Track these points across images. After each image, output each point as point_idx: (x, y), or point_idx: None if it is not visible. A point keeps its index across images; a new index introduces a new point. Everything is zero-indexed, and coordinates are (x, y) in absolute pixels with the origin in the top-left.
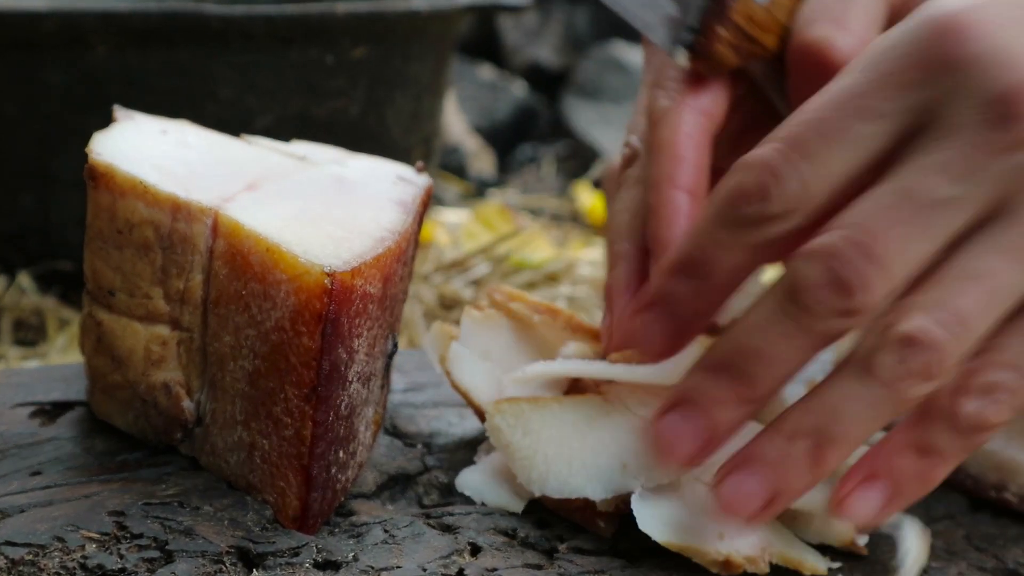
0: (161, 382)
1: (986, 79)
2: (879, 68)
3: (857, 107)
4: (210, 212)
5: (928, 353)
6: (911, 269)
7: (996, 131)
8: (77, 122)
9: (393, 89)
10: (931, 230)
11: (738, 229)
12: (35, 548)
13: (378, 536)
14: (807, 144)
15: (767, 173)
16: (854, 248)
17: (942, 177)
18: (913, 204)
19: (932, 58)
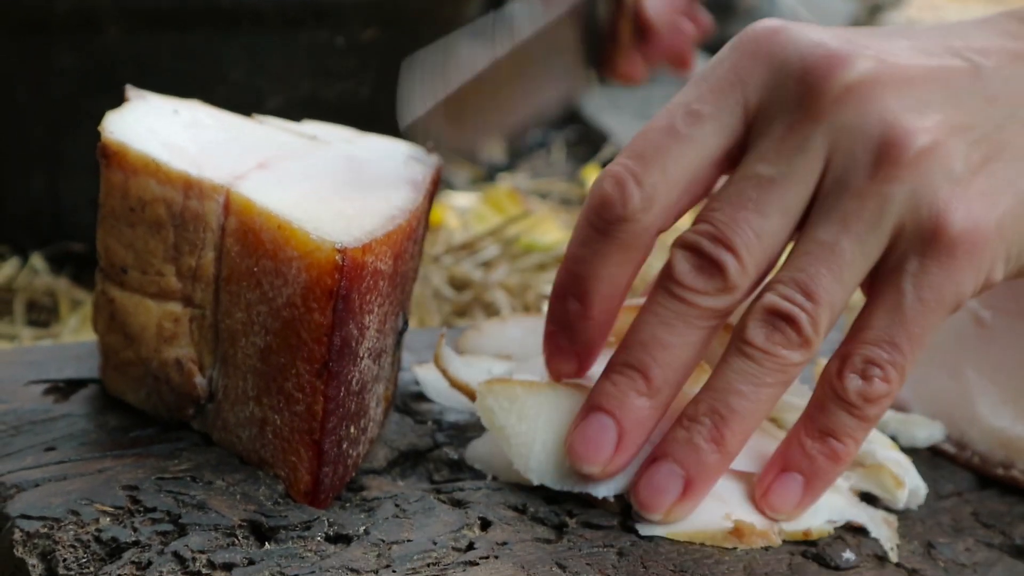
0: (173, 359)
1: (791, 62)
2: (703, 76)
3: (685, 114)
4: (222, 190)
5: (789, 322)
6: (766, 247)
7: (802, 106)
8: (88, 105)
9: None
10: (767, 209)
11: (603, 233)
12: (50, 521)
13: (389, 510)
14: (647, 154)
15: (618, 182)
16: (708, 237)
17: (767, 159)
18: (748, 189)
19: (744, 55)
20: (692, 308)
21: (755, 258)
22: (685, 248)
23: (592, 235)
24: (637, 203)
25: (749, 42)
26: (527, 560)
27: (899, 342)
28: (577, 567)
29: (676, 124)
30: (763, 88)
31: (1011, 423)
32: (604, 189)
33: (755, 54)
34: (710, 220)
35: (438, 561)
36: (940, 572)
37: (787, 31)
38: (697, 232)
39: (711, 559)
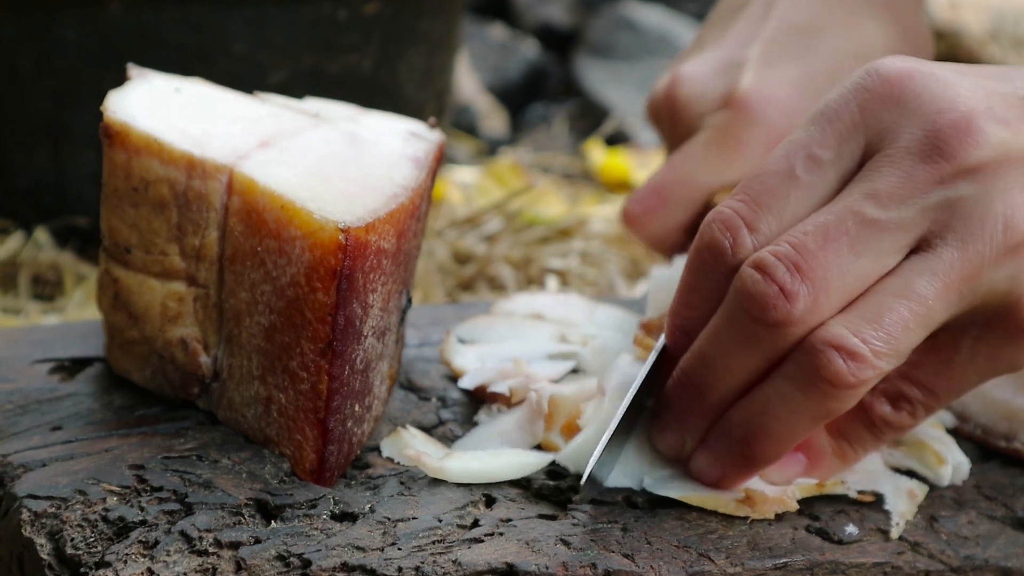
0: (178, 338)
1: (924, 114)
2: (827, 117)
3: (806, 158)
4: (225, 170)
5: (843, 361)
6: (845, 285)
7: (930, 163)
8: (91, 79)
9: (405, 45)
10: (861, 249)
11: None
12: (57, 501)
13: (394, 488)
14: (762, 199)
15: (729, 227)
16: (787, 264)
17: (875, 201)
18: (846, 224)
19: (873, 98)
20: (751, 336)
21: (832, 299)
22: (758, 269)
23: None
24: (750, 252)
25: (880, 84)
26: (531, 537)
27: (938, 392)
28: (581, 543)
29: (796, 169)
30: (887, 132)
31: (1013, 395)
32: (714, 234)
33: (885, 98)
34: (797, 245)
35: (443, 538)
36: (943, 545)
37: (921, 78)
38: (777, 255)
39: (715, 534)
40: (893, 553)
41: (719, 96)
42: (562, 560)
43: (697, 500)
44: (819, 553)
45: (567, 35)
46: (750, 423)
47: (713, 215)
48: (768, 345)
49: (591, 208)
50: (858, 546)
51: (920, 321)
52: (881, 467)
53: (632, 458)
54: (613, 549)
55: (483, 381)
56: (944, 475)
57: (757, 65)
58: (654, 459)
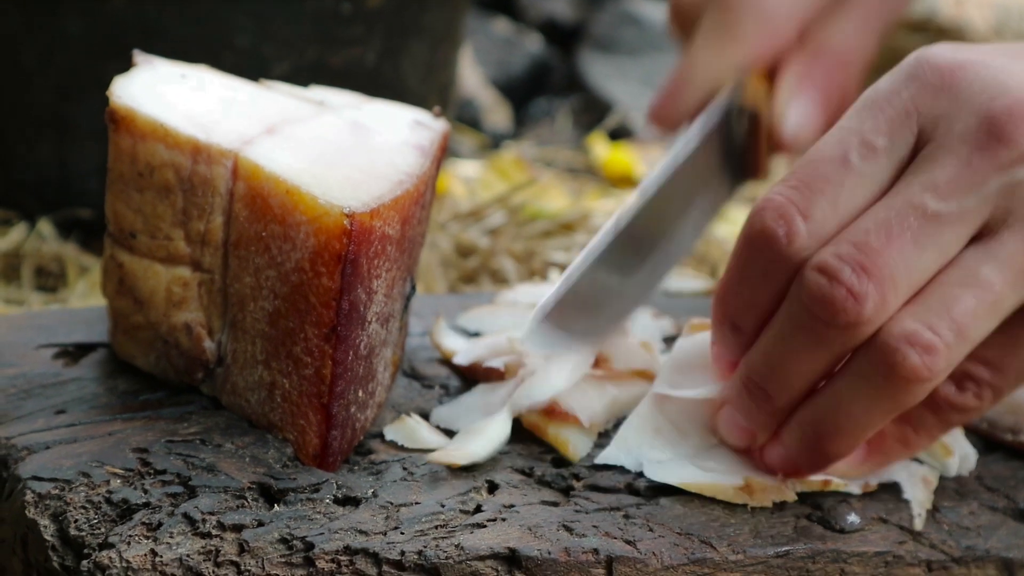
0: (182, 323)
1: (977, 102)
2: (878, 105)
3: (860, 145)
4: (230, 155)
5: (918, 355)
6: (911, 280)
7: (987, 150)
8: (95, 71)
9: (409, 38)
10: (925, 243)
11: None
12: (61, 483)
13: (397, 473)
14: (815, 184)
15: (782, 216)
16: (853, 265)
17: (935, 193)
18: (908, 220)
19: (925, 87)
20: (820, 339)
21: (899, 295)
22: (823, 273)
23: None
24: (805, 241)
25: (931, 72)
26: (534, 523)
27: (1005, 370)
28: (583, 529)
29: (850, 156)
30: (940, 121)
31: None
32: (766, 222)
33: (938, 88)
34: (860, 244)
35: (446, 523)
36: (944, 535)
37: (972, 67)
38: (841, 256)
39: (717, 522)
40: (895, 543)
41: None
42: (564, 546)
43: (696, 487)
44: (821, 542)
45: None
46: (823, 421)
47: (763, 202)
48: (838, 345)
49: (594, 202)
50: (860, 535)
51: (989, 309)
52: None
53: (631, 437)
54: (615, 535)
55: (477, 357)
56: (951, 466)
57: None
58: (654, 440)
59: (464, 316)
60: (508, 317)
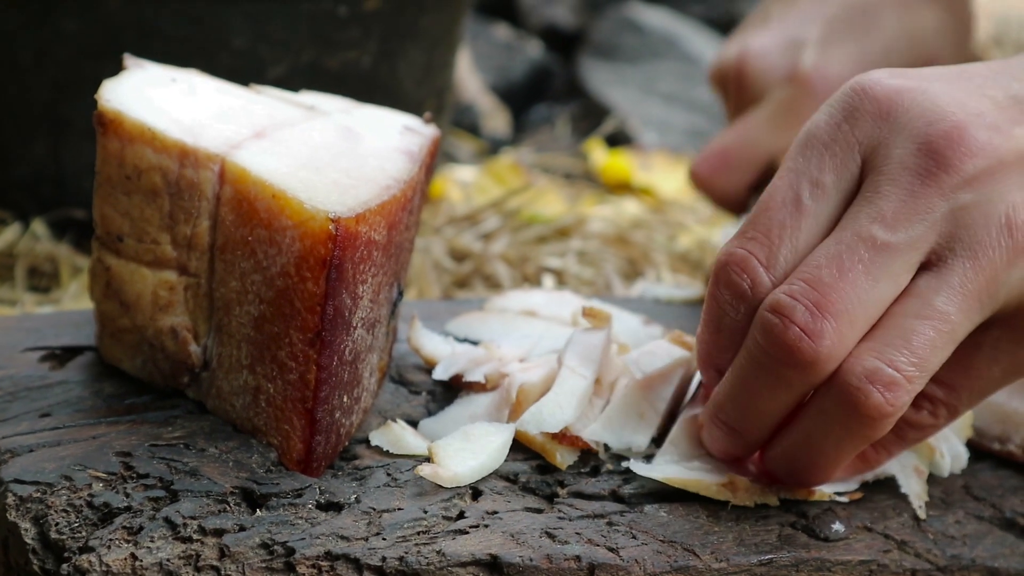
0: (168, 327)
1: (915, 128)
2: (821, 141)
3: (810, 186)
4: (217, 159)
5: (881, 393)
6: (867, 313)
7: (929, 177)
8: (91, 70)
9: (406, 41)
10: (877, 275)
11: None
12: (43, 486)
13: (381, 479)
14: (772, 232)
15: (743, 267)
16: (805, 303)
17: (882, 224)
18: (858, 252)
19: (864, 117)
20: (780, 378)
21: (855, 329)
22: (776, 313)
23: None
24: (768, 290)
25: (869, 102)
26: (517, 529)
27: (959, 390)
28: (566, 536)
29: (802, 198)
30: (880, 149)
31: (1008, 398)
32: (730, 276)
33: (876, 116)
34: (812, 281)
35: (428, 529)
36: (929, 544)
37: (909, 93)
38: (793, 295)
39: (701, 529)
40: (879, 551)
41: (784, 72)
42: (546, 553)
43: (680, 483)
44: (805, 550)
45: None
46: (796, 456)
47: (726, 256)
48: (799, 384)
49: (590, 208)
50: (844, 544)
51: (946, 338)
52: None
53: (615, 417)
54: (598, 543)
55: (458, 370)
56: (943, 466)
57: (819, 44)
58: (638, 424)
59: (453, 322)
60: (497, 323)
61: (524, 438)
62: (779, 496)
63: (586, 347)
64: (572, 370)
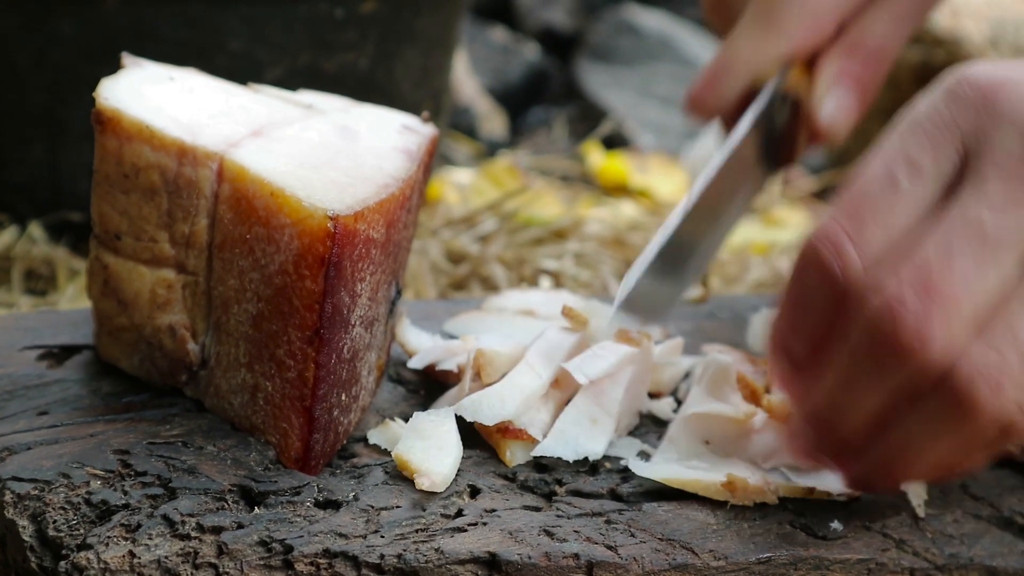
0: (167, 325)
1: (1019, 117)
2: (920, 124)
3: (906, 165)
4: (216, 157)
5: (995, 397)
6: (975, 305)
7: None
8: (88, 73)
9: (402, 43)
10: (987, 261)
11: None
12: (41, 484)
13: (379, 477)
14: (864, 210)
15: (834, 244)
16: (919, 293)
17: (991, 209)
18: (967, 239)
19: (966, 106)
20: (887, 369)
21: (964, 321)
22: (888, 302)
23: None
24: (859, 269)
25: (971, 91)
26: (515, 527)
27: None
28: (564, 534)
29: (898, 178)
30: (984, 139)
31: None
32: (818, 252)
33: (979, 106)
34: (922, 268)
35: (426, 527)
36: (927, 543)
37: (1013, 85)
38: (904, 282)
39: (699, 528)
40: (877, 550)
41: None
42: (545, 550)
43: (679, 483)
44: (803, 548)
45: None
46: (895, 458)
47: (816, 231)
48: (905, 376)
49: (587, 210)
50: (842, 542)
51: None
52: None
53: (568, 429)
54: (596, 540)
55: (432, 360)
56: None
57: None
58: (592, 430)
59: (451, 322)
60: (495, 323)
61: (482, 429)
62: (778, 496)
63: (552, 346)
64: (529, 366)
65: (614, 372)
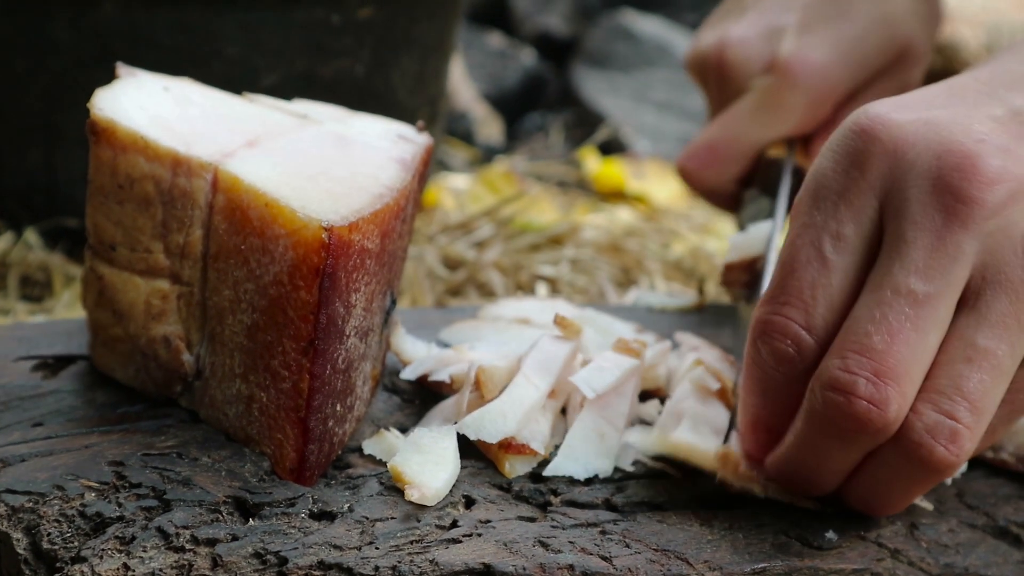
0: (161, 335)
1: (926, 164)
2: (830, 194)
3: (831, 239)
4: (210, 167)
5: (945, 446)
6: (922, 366)
7: (951, 215)
8: (84, 79)
9: (399, 50)
10: (925, 327)
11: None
12: (35, 496)
13: (374, 488)
14: (804, 293)
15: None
16: (866, 375)
17: (919, 276)
18: (901, 309)
19: (871, 161)
20: (850, 443)
21: (915, 384)
22: (839, 390)
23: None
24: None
25: (870, 142)
26: (510, 538)
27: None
28: (559, 545)
29: (826, 253)
30: (895, 190)
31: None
32: (775, 345)
33: (884, 157)
34: (865, 350)
35: (421, 538)
36: (923, 552)
37: (912, 127)
38: (850, 369)
39: (694, 538)
40: (872, 560)
41: (764, 61)
42: (540, 561)
43: (671, 447)
44: (798, 559)
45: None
46: (865, 499)
47: (765, 326)
48: (868, 443)
49: (583, 216)
50: (837, 552)
51: (997, 376)
52: None
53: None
54: (591, 551)
55: (425, 371)
56: None
57: (797, 31)
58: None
59: (447, 331)
60: (491, 331)
61: (481, 444)
62: (767, 491)
63: (548, 357)
64: (527, 379)
65: (620, 386)
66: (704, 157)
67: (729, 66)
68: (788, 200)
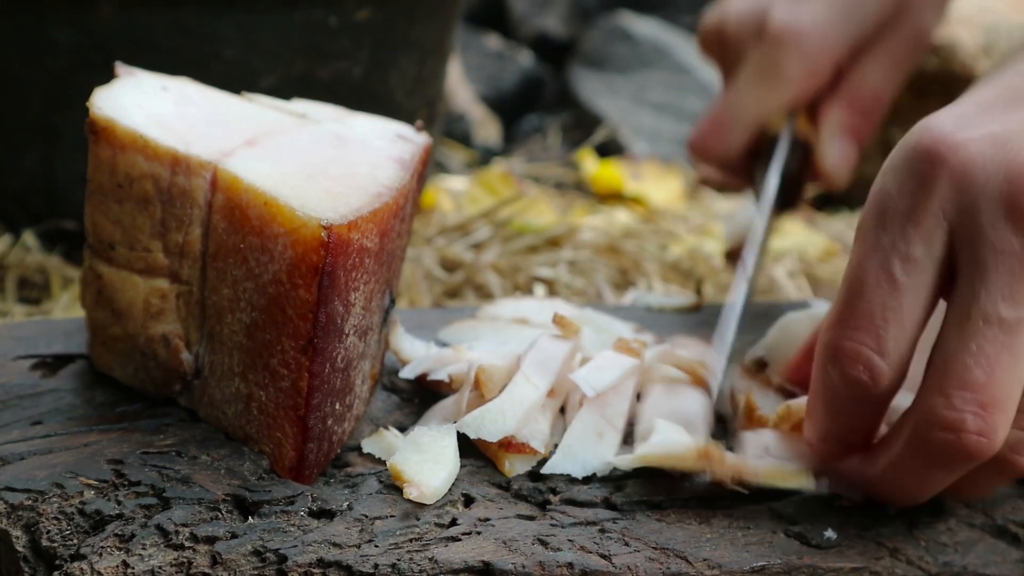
0: (160, 334)
1: (995, 188)
2: (897, 216)
3: (901, 262)
4: (209, 166)
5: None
6: (1020, 388)
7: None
8: (82, 81)
9: (397, 51)
10: (1019, 351)
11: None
12: (34, 494)
13: (373, 486)
14: (876, 318)
15: (862, 362)
16: (972, 411)
17: (1007, 302)
18: (995, 337)
19: (938, 183)
20: (955, 471)
21: (1015, 405)
22: (948, 429)
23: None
24: (890, 377)
25: (940, 167)
26: (509, 536)
27: None
28: (558, 543)
29: (896, 275)
30: (966, 213)
31: None
32: (848, 372)
33: (951, 179)
34: (968, 384)
35: (420, 537)
36: (921, 551)
37: (976, 146)
38: (956, 408)
39: (693, 536)
40: (871, 558)
41: (756, 31)
42: (539, 560)
43: (656, 460)
44: (797, 557)
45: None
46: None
47: (836, 351)
48: (971, 467)
49: (581, 218)
50: (836, 550)
51: None
52: None
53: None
54: (590, 550)
55: (424, 370)
56: None
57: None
58: (598, 445)
59: (445, 330)
60: (489, 331)
61: (481, 443)
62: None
63: (547, 356)
64: (526, 378)
65: (620, 385)
66: (709, 131)
67: (728, 39)
68: (780, 172)
